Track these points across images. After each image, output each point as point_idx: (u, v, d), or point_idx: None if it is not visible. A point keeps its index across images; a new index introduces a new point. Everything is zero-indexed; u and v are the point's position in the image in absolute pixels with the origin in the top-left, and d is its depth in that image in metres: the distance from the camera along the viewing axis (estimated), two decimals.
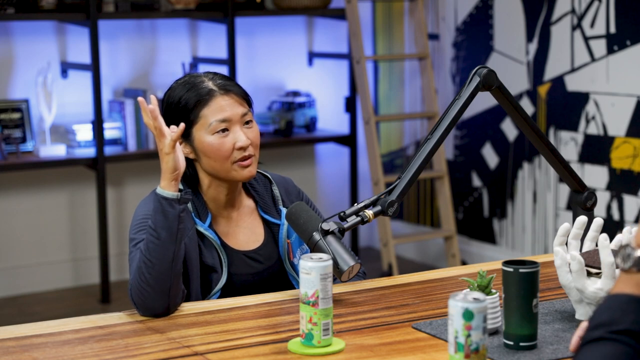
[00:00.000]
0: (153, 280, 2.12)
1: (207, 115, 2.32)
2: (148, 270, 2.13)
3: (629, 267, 1.49)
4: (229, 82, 2.37)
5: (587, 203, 2.50)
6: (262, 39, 5.67)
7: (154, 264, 2.13)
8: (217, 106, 2.32)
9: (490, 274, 2.19)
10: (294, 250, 2.44)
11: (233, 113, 2.33)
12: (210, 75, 2.38)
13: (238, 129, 2.33)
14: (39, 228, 5.20)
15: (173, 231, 2.14)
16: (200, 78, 2.36)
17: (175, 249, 2.14)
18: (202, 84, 2.34)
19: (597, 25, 4.61)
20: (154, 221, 2.14)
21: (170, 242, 2.14)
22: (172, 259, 2.14)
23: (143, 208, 2.30)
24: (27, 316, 4.72)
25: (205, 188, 2.39)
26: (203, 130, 2.32)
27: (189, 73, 2.43)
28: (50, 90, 4.93)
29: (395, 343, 1.96)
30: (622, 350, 1.43)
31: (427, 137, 2.34)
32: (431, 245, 5.69)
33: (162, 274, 2.13)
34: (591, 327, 1.47)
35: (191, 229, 2.32)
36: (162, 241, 2.13)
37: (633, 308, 1.46)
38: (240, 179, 2.36)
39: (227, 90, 2.34)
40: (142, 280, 2.13)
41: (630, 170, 4.53)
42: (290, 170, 5.66)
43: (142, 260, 2.14)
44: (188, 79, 2.38)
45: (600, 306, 1.49)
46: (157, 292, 2.12)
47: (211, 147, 2.32)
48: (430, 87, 5.33)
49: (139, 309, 2.15)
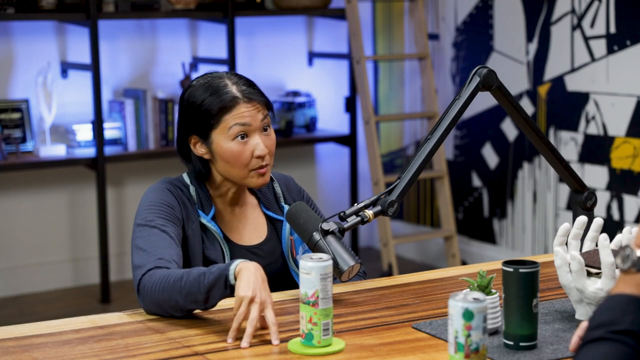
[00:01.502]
0: (163, 308, 2.13)
1: (227, 120, 2.31)
2: (165, 300, 2.11)
3: (628, 267, 1.50)
4: (253, 89, 2.35)
5: (587, 203, 2.50)
6: (262, 39, 5.67)
7: (175, 304, 2.11)
8: (239, 113, 2.31)
9: (490, 274, 2.19)
10: (297, 247, 2.45)
11: (254, 120, 2.32)
12: (234, 79, 2.35)
13: (257, 137, 2.33)
14: (39, 228, 5.20)
15: (207, 304, 2.09)
16: (224, 81, 2.34)
17: (195, 308, 2.12)
18: (226, 89, 2.32)
19: (597, 25, 4.61)
20: (210, 288, 2.05)
21: (198, 306, 2.10)
22: (184, 311, 2.12)
23: (151, 195, 2.32)
24: (27, 316, 4.72)
25: (214, 186, 2.40)
26: (223, 134, 2.32)
27: (210, 72, 2.41)
28: (50, 90, 4.93)
29: (395, 343, 1.96)
30: (622, 350, 1.43)
31: (427, 137, 2.34)
32: (431, 245, 5.69)
33: (173, 309, 2.13)
34: (591, 327, 1.47)
35: (194, 221, 2.33)
36: (197, 305, 2.09)
37: (633, 308, 1.46)
38: (254, 186, 2.36)
39: (250, 98, 2.33)
40: (156, 296, 2.12)
41: (630, 170, 4.53)
42: (291, 170, 5.66)
43: (168, 289, 2.10)
44: (211, 81, 2.35)
45: (600, 306, 1.49)
46: (164, 311, 2.14)
47: (231, 153, 2.32)
48: (430, 87, 5.33)
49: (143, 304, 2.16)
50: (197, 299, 2.06)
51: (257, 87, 2.38)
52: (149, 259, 2.18)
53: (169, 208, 2.30)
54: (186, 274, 2.08)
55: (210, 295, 2.04)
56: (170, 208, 2.31)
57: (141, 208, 2.31)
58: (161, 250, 2.20)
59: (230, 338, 1.96)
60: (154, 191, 2.34)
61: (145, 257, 2.19)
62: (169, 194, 2.33)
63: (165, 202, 2.31)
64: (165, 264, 2.17)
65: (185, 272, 2.09)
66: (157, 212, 2.29)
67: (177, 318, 2.12)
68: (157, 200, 2.31)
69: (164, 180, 2.38)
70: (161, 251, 2.20)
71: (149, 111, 5.15)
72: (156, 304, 2.12)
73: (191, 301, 2.07)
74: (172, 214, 2.30)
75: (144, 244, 2.22)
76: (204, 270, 2.07)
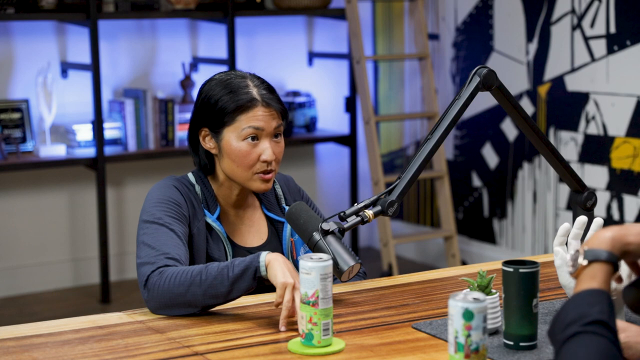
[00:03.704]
0: (171, 300, 2.13)
1: (242, 120, 2.32)
2: (180, 295, 2.11)
3: (576, 269, 1.63)
4: (272, 95, 2.36)
5: (587, 203, 2.50)
6: (262, 39, 5.67)
7: (191, 299, 2.11)
8: (254, 115, 2.32)
9: (490, 274, 2.19)
10: (298, 249, 2.45)
11: (267, 125, 2.33)
12: (256, 82, 2.36)
13: (267, 142, 2.34)
14: (39, 228, 5.20)
15: (228, 297, 2.11)
16: (245, 81, 2.35)
17: (211, 304, 2.13)
18: (245, 89, 2.33)
19: (597, 25, 4.61)
20: (235, 280, 2.08)
21: (217, 300, 2.11)
22: (199, 307, 2.13)
23: (159, 192, 2.32)
24: (27, 316, 4.72)
25: (218, 184, 2.41)
26: (234, 133, 2.33)
27: (233, 70, 2.42)
28: (50, 90, 4.93)
29: (395, 343, 1.96)
30: (597, 341, 1.49)
31: (427, 137, 2.34)
32: (431, 245, 5.69)
33: (181, 305, 2.13)
34: (563, 326, 1.54)
35: (200, 220, 2.33)
36: (216, 299, 2.10)
37: (595, 299, 1.55)
38: (256, 189, 2.37)
39: (268, 103, 2.34)
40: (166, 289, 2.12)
41: (630, 170, 4.53)
42: (291, 170, 5.66)
43: (185, 284, 2.10)
44: (233, 79, 2.35)
45: (565, 307, 1.57)
46: (168, 307, 2.14)
47: (239, 152, 2.32)
48: (430, 87, 5.33)
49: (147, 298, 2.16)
50: (218, 293, 2.08)
51: (277, 93, 2.39)
52: (158, 256, 2.18)
53: (176, 205, 2.30)
54: (204, 268, 2.11)
55: (234, 287, 2.07)
56: (178, 205, 2.31)
57: (148, 204, 2.31)
58: (169, 249, 2.20)
59: (283, 326, 2.03)
60: (161, 187, 2.34)
61: (153, 254, 2.18)
62: (176, 191, 2.34)
63: (172, 199, 2.31)
64: (173, 263, 2.17)
65: (203, 267, 2.12)
66: (164, 209, 2.29)
67: (181, 317, 2.11)
68: (165, 197, 2.31)
69: (170, 177, 2.38)
70: (169, 250, 2.20)
71: (149, 111, 5.15)
72: (166, 300, 2.12)
73: (211, 295, 2.09)
74: (179, 212, 2.30)
75: (151, 241, 2.22)
76: (227, 263, 2.10)
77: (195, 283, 2.09)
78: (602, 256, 1.61)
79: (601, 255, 1.61)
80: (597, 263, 1.61)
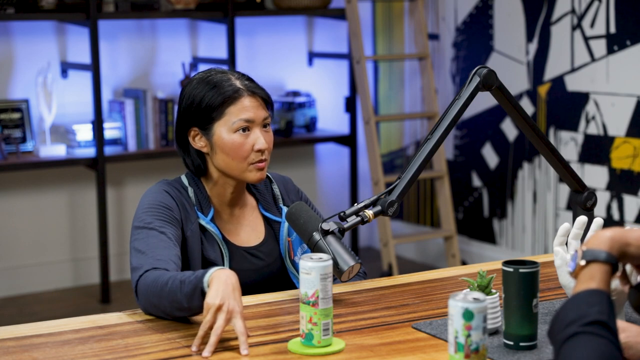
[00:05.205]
0: (157, 310, 2.13)
1: (231, 113, 2.32)
2: (155, 304, 2.11)
3: (574, 270, 1.63)
4: (256, 85, 2.37)
5: (587, 203, 2.50)
6: (262, 39, 5.67)
7: (164, 309, 2.10)
8: (242, 106, 2.33)
9: (490, 274, 2.19)
10: (295, 249, 2.44)
11: (257, 115, 2.34)
12: (237, 75, 2.38)
13: (258, 131, 2.34)
14: (39, 228, 5.20)
15: (193, 312, 2.07)
16: (226, 75, 2.36)
17: (181, 315, 2.10)
18: (228, 82, 2.34)
19: (597, 25, 4.61)
20: (189, 298, 2.03)
21: (184, 313, 2.08)
22: (173, 316, 2.12)
23: (149, 197, 2.32)
24: (27, 316, 4.72)
25: (212, 183, 2.40)
26: (225, 127, 2.33)
27: (212, 68, 2.42)
28: (50, 90, 4.93)
29: (395, 343, 1.96)
30: (598, 342, 1.49)
31: (427, 137, 2.34)
32: (431, 245, 5.69)
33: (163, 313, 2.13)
34: (562, 326, 1.54)
35: (193, 222, 2.33)
36: (183, 312, 2.07)
37: (595, 300, 1.55)
38: (251, 180, 2.36)
39: (254, 92, 2.35)
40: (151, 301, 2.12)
41: (630, 170, 4.53)
42: (290, 170, 5.66)
43: (157, 294, 2.09)
44: (212, 76, 2.36)
45: (564, 307, 1.57)
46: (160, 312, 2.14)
47: (232, 144, 2.32)
48: (430, 87, 5.33)
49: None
50: (182, 307, 2.04)
51: (260, 85, 2.39)
52: (147, 260, 2.17)
53: (166, 210, 2.30)
54: (172, 279, 2.06)
55: (191, 305, 2.02)
56: (169, 209, 2.30)
57: (139, 211, 2.31)
58: (159, 252, 2.20)
59: (195, 346, 1.93)
60: (151, 194, 2.34)
61: (142, 259, 2.18)
62: (167, 196, 2.33)
63: (163, 204, 2.31)
64: (163, 264, 2.17)
65: (172, 276, 2.07)
66: (155, 214, 2.28)
67: (181, 317, 2.11)
68: (155, 203, 2.31)
69: (161, 182, 2.38)
70: (159, 252, 2.20)
71: (149, 111, 5.15)
72: (151, 305, 2.12)
73: (177, 309, 2.06)
74: (170, 216, 2.30)
75: (141, 246, 2.22)
76: (186, 277, 2.04)
77: (164, 295, 2.07)
78: (601, 256, 1.61)
79: (600, 255, 1.61)
80: (595, 263, 1.61)
